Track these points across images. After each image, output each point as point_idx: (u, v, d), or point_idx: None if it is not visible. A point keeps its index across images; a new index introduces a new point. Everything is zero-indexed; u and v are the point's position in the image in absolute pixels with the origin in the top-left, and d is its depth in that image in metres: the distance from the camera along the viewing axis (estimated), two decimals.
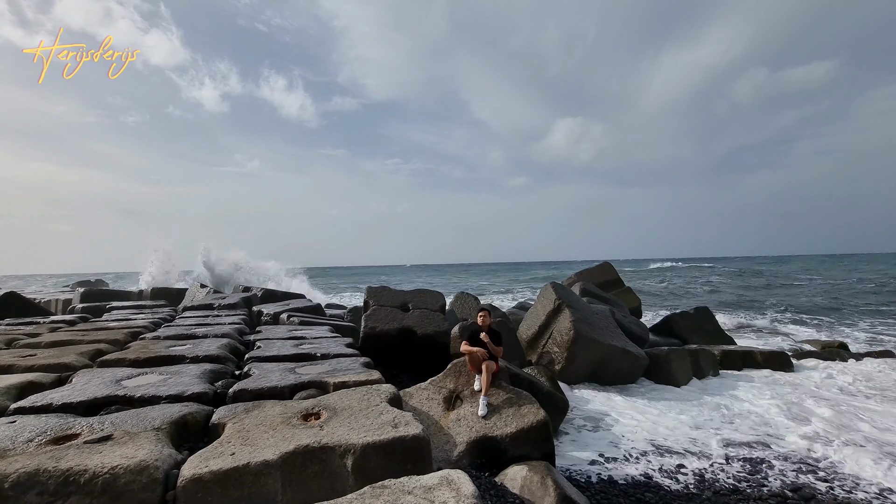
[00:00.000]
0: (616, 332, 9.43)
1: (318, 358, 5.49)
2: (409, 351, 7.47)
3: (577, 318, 8.49)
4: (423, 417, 4.53)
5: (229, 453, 2.83)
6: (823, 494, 4.70)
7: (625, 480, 4.90)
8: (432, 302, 8.46)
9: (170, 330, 7.15)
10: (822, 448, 5.91)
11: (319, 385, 4.37)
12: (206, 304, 10.93)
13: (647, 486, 4.79)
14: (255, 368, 4.89)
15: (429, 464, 3.13)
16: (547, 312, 8.98)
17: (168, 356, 5.33)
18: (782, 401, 7.82)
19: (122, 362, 5.16)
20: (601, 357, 8.54)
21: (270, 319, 9.38)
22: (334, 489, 2.80)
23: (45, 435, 3.02)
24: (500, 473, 4.11)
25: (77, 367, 4.98)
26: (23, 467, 2.52)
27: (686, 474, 5.13)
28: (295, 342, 6.35)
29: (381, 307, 8.01)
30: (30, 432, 3.03)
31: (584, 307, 9.52)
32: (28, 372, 4.67)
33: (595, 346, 8.40)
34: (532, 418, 4.36)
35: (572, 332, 8.28)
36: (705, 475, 5.11)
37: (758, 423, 6.89)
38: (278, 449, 2.85)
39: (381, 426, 3.21)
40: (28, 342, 6.33)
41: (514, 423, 4.34)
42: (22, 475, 2.48)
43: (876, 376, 9.56)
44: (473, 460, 4.22)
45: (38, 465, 2.55)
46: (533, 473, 3.87)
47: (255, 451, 2.85)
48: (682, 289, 34.73)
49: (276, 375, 4.57)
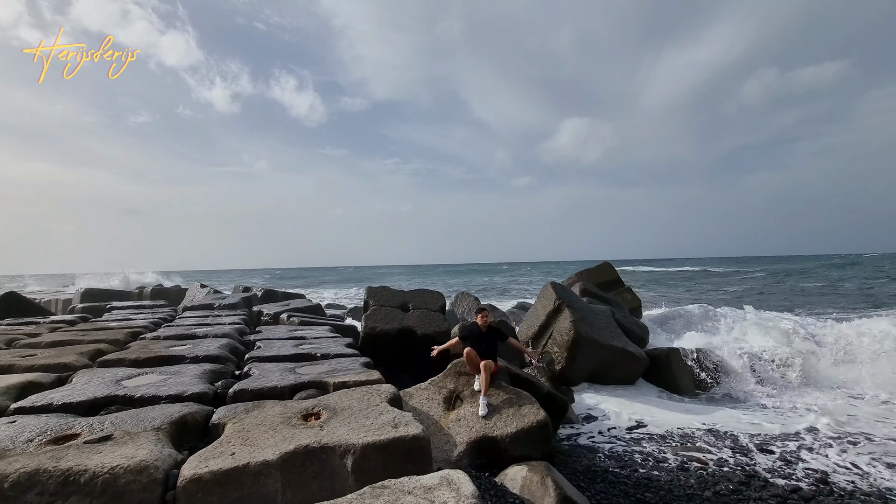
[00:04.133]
0: (616, 332, 9.43)
1: (318, 358, 5.49)
2: (409, 351, 7.47)
3: (577, 318, 8.48)
4: (423, 417, 4.53)
5: (229, 453, 2.82)
6: (823, 494, 4.70)
7: (625, 480, 4.90)
8: (432, 302, 8.46)
9: (170, 330, 7.16)
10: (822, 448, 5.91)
11: (319, 385, 4.37)
12: (207, 304, 10.93)
13: (648, 485, 4.79)
14: (255, 368, 4.89)
15: (429, 464, 3.13)
16: (547, 312, 8.97)
17: (168, 356, 5.33)
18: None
19: (122, 362, 5.16)
20: (601, 357, 8.53)
21: (270, 319, 9.38)
22: (334, 489, 2.80)
23: (45, 435, 3.01)
24: (500, 473, 4.11)
25: (77, 367, 4.98)
26: (23, 467, 2.52)
27: (686, 474, 5.13)
28: (295, 342, 6.35)
29: (381, 307, 8.01)
30: (30, 432, 3.03)
31: (585, 307, 9.51)
32: (28, 372, 4.67)
33: (595, 346, 8.39)
34: (532, 418, 4.36)
35: (572, 332, 8.27)
36: (705, 474, 5.11)
37: (757, 424, 6.89)
38: (278, 449, 2.84)
39: (381, 426, 3.20)
40: (28, 342, 6.33)
41: (514, 424, 4.34)
42: (22, 475, 2.48)
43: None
44: (473, 460, 4.22)
45: (38, 465, 2.55)
46: (533, 473, 3.87)
47: (255, 451, 2.84)
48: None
49: (277, 375, 4.57)
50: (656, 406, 7.58)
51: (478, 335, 5.14)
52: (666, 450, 5.86)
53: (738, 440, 6.21)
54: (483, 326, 5.19)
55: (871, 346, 9.94)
